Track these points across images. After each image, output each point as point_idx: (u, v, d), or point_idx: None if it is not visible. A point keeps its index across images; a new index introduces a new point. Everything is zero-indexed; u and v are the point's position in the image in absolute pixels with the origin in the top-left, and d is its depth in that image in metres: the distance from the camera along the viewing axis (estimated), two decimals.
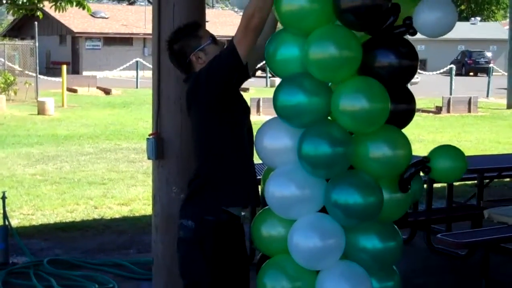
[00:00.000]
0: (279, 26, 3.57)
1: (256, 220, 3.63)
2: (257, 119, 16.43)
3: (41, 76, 26.16)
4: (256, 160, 3.67)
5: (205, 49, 3.62)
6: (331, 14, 3.30)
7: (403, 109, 3.45)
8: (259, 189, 3.79)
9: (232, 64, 3.41)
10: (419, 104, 3.33)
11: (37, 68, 25.35)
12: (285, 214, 3.43)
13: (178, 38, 3.68)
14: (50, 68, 40.23)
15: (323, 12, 3.31)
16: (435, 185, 7.75)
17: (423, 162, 3.41)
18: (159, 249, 4.98)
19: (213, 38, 3.72)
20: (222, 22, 52.29)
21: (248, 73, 3.67)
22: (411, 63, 3.38)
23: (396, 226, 3.53)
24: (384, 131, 3.33)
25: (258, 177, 3.79)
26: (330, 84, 3.40)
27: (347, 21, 3.27)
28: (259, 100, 19.20)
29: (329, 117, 3.38)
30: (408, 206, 3.64)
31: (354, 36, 3.28)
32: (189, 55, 3.62)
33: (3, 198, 6.61)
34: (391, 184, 3.39)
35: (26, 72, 25.95)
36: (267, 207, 3.53)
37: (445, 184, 7.59)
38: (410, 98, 3.49)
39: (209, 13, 56.38)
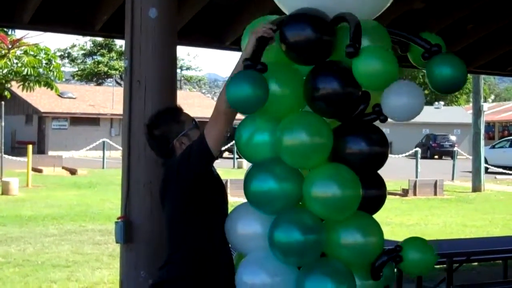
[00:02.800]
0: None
1: None
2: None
3: (6, 156, 25.94)
4: None
5: (188, 134, 3.58)
6: (301, 100, 3.33)
7: (374, 195, 3.44)
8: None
9: (203, 156, 3.40)
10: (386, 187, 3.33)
11: (2, 147, 25.14)
12: None
13: (159, 123, 3.62)
14: (15, 148, 39.97)
15: (294, 98, 3.34)
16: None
17: (396, 251, 3.38)
18: None
19: (195, 122, 3.68)
20: (190, 104, 52.65)
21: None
22: (381, 149, 3.38)
23: None
24: (356, 218, 3.30)
25: None
26: (301, 170, 3.37)
27: (318, 108, 3.28)
28: (227, 181, 19.14)
29: (301, 203, 3.36)
30: None
31: (324, 123, 3.28)
32: (172, 140, 3.57)
33: None
34: (364, 271, 3.36)
35: None
36: None
37: None
38: (381, 184, 3.49)
39: (178, 94, 56.76)
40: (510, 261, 9.39)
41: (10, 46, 18.42)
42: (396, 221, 15.16)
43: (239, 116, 3.39)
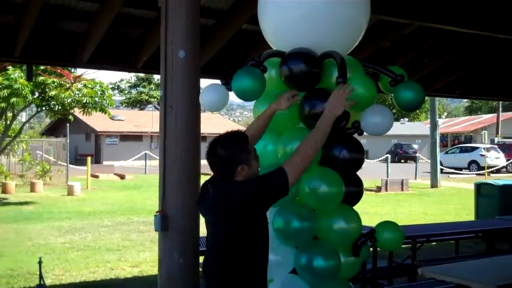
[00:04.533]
0: None
1: None
2: None
3: (71, 165, 25.98)
4: None
5: (251, 163, 2.92)
6: (297, 118, 3.32)
7: (354, 191, 3.41)
8: None
9: (280, 190, 2.81)
10: (363, 184, 3.28)
11: (68, 159, 25.23)
12: None
13: (229, 146, 2.91)
14: (77, 159, 39.96)
15: (291, 117, 3.33)
16: (378, 248, 7.68)
17: (371, 234, 3.36)
18: None
19: (256, 153, 3.02)
20: (213, 123, 52.71)
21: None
22: (359, 156, 3.37)
23: (350, 283, 3.45)
24: (340, 209, 3.29)
25: None
26: None
27: (309, 124, 3.27)
28: None
29: (297, 198, 3.35)
30: (360, 267, 3.57)
31: None
32: (236, 165, 2.86)
33: (40, 262, 6.43)
34: (347, 250, 3.34)
35: (59, 162, 25.79)
36: None
37: None
38: (359, 183, 3.47)
39: (201, 116, 56.81)
40: (461, 241, 9.35)
41: (73, 81, 18.42)
42: (372, 211, 15.06)
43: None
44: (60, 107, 18.34)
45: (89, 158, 24.13)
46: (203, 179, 5.53)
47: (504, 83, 10.57)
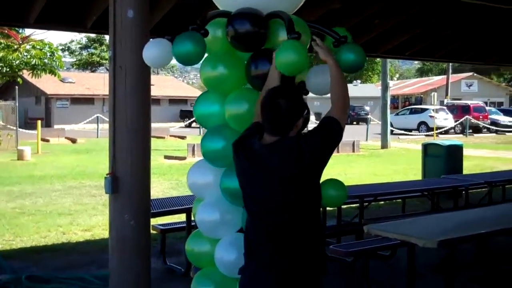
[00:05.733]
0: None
1: (189, 240, 3.56)
2: (192, 160, 16.35)
3: (20, 129, 25.46)
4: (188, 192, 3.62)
5: (305, 117, 2.84)
6: (243, 79, 3.33)
7: None
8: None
9: (339, 140, 2.88)
10: None
11: (17, 123, 24.73)
12: (211, 235, 3.38)
13: (295, 99, 2.83)
14: (27, 123, 39.12)
15: (237, 78, 3.33)
16: (328, 208, 7.83)
17: None
18: (114, 264, 4.84)
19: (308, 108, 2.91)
20: (166, 85, 52.30)
21: None
22: (305, 115, 3.39)
23: None
24: None
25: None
26: None
27: (256, 85, 3.28)
28: (194, 145, 19.07)
29: None
30: None
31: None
32: (298, 119, 2.80)
33: None
34: None
35: (8, 126, 25.24)
36: (197, 229, 3.47)
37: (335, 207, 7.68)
38: None
39: (154, 78, 56.18)
40: (408, 200, 9.62)
41: (20, 42, 17.96)
42: (324, 172, 15.29)
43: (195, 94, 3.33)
44: (8, 69, 17.92)
45: (39, 122, 23.67)
46: (153, 141, 5.49)
47: (452, 44, 10.76)
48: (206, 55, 3.29)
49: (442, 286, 5.26)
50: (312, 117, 34.49)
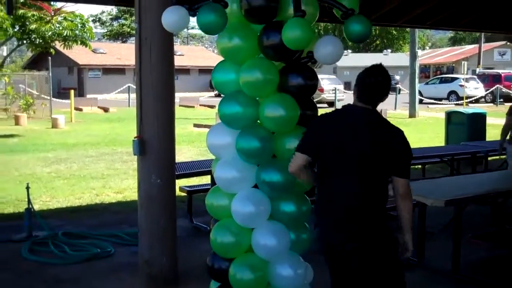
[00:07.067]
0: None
1: (209, 195, 3.89)
2: None
3: (54, 99, 26.10)
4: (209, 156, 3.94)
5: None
6: (257, 49, 3.63)
7: (309, 114, 3.70)
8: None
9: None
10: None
11: (51, 92, 25.34)
12: (228, 190, 3.69)
13: (389, 77, 3.41)
14: (60, 93, 39.88)
15: (251, 48, 3.62)
16: None
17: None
18: (142, 221, 5.24)
19: None
20: (196, 56, 52.55)
21: None
22: (312, 82, 3.66)
23: (306, 196, 3.83)
24: (296, 130, 3.61)
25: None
26: (258, 98, 3.68)
27: (268, 55, 3.58)
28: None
29: (258, 122, 3.70)
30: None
31: (273, 65, 3.57)
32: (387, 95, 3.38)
33: (27, 188, 6.83)
34: None
35: (42, 96, 25.88)
36: (216, 185, 3.80)
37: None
38: (313, 107, 3.79)
39: (185, 48, 56.47)
40: (429, 166, 9.86)
41: (52, 14, 18.42)
42: None
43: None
44: (41, 41, 18.42)
45: (72, 91, 24.22)
46: (183, 110, 5.79)
47: (472, 15, 10.81)
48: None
49: (451, 245, 5.54)
50: (341, 86, 34.49)
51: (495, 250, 6.26)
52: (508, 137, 7.76)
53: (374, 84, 3.28)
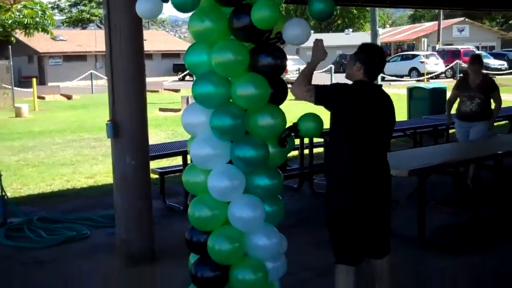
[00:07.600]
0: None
1: (185, 173, 4.01)
2: None
3: (16, 88, 25.75)
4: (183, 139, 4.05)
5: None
6: (227, 31, 3.77)
7: (279, 92, 3.90)
8: None
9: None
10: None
11: (12, 81, 25.00)
12: (204, 166, 3.82)
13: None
14: (21, 82, 39.24)
15: (222, 30, 3.76)
16: (315, 149, 8.37)
17: (294, 126, 3.91)
18: (118, 202, 5.38)
19: None
20: (157, 40, 52.13)
21: None
22: (282, 62, 3.79)
23: (279, 170, 4.00)
24: (267, 108, 3.77)
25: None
26: (229, 78, 3.81)
27: (238, 36, 3.72)
28: (188, 97, 19.43)
29: (230, 100, 3.85)
30: (286, 157, 4.10)
31: (243, 46, 3.69)
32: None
33: None
34: (274, 142, 3.89)
35: (3, 85, 25.51)
36: (192, 163, 3.94)
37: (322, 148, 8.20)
38: (283, 85, 3.95)
39: (146, 33, 55.96)
40: (392, 140, 10.10)
41: (12, 2, 18.17)
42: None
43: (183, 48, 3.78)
44: (1, 29, 18.13)
45: (34, 80, 23.97)
46: (148, 95, 5.93)
47: None
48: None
49: (416, 213, 5.82)
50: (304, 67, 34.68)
51: (457, 215, 6.59)
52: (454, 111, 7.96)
53: (379, 62, 3.86)
